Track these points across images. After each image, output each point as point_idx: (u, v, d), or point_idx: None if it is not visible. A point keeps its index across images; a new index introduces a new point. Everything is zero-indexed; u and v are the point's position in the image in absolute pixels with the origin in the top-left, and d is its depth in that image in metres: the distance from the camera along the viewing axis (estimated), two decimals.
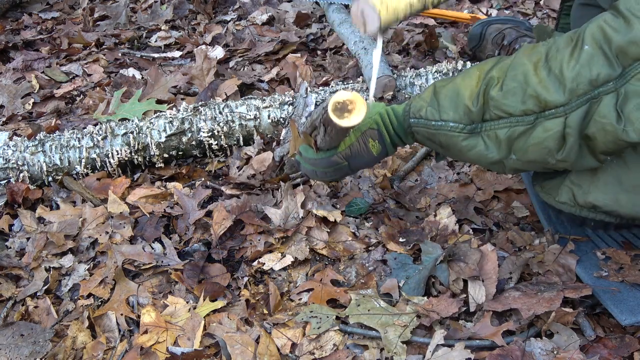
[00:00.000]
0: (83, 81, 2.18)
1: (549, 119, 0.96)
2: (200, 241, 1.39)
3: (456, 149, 1.08)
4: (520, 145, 1.00)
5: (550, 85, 0.94)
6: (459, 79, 1.07)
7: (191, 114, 1.66)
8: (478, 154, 1.05)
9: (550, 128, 0.96)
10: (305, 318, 1.16)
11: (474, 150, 1.05)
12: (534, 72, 0.96)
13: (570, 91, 0.92)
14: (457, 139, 1.06)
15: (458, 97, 1.05)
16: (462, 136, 1.05)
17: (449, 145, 1.08)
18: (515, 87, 0.97)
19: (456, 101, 1.05)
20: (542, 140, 0.98)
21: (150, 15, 2.68)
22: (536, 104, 0.96)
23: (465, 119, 1.04)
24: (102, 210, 1.48)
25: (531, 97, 0.96)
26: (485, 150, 1.04)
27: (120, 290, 1.28)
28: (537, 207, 1.35)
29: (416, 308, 1.16)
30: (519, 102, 0.97)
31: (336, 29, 2.19)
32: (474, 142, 1.04)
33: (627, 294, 1.11)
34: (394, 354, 1.08)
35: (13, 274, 1.34)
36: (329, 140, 1.15)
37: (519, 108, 0.97)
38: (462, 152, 1.08)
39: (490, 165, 1.07)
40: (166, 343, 1.15)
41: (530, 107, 0.96)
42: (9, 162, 1.57)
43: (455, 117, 1.05)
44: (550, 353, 1.05)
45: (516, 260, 1.23)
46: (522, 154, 1.01)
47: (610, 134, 0.92)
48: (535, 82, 0.95)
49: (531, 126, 0.98)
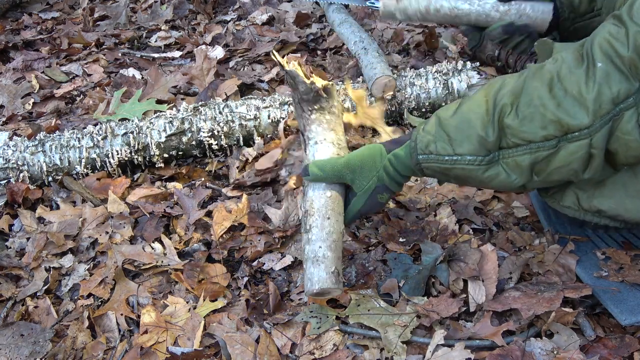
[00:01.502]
0: (83, 81, 2.18)
1: (572, 142, 0.93)
2: (200, 241, 1.39)
3: (477, 181, 1.05)
4: (543, 168, 0.98)
5: (570, 108, 0.91)
6: (464, 107, 1.03)
7: (191, 114, 1.66)
8: (501, 182, 1.02)
9: (575, 151, 0.93)
10: (305, 318, 1.16)
11: (497, 179, 1.02)
12: (550, 95, 0.93)
13: (593, 113, 0.90)
14: (478, 172, 1.02)
15: (470, 128, 1.00)
16: (482, 168, 1.01)
17: (467, 177, 1.05)
18: (533, 112, 0.94)
19: (468, 132, 1.00)
20: (567, 163, 0.95)
21: (150, 15, 2.68)
22: (557, 128, 0.93)
23: (482, 150, 1.00)
24: (102, 210, 1.48)
25: (552, 122, 0.93)
26: (507, 178, 1.01)
27: (120, 290, 1.29)
28: (537, 207, 1.35)
29: (416, 308, 1.16)
30: (538, 128, 0.94)
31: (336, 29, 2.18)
32: (495, 172, 1.01)
33: (627, 294, 1.11)
34: (394, 354, 1.08)
35: (13, 274, 1.35)
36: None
37: (539, 134, 0.94)
38: (483, 183, 1.05)
39: (514, 189, 1.05)
40: (166, 343, 1.15)
41: (551, 132, 0.94)
42: (9, 162, 1.57)
43: (471, 149, 1.01)
44: (550, 353, 1.05)
45: (516, 260, 1.23)
46: (546, 176, 0.99)
47: (634, 150, 0.92)
48: (553, 106, 0.93)
49: (554, 150, 0.95)
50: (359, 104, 1.49)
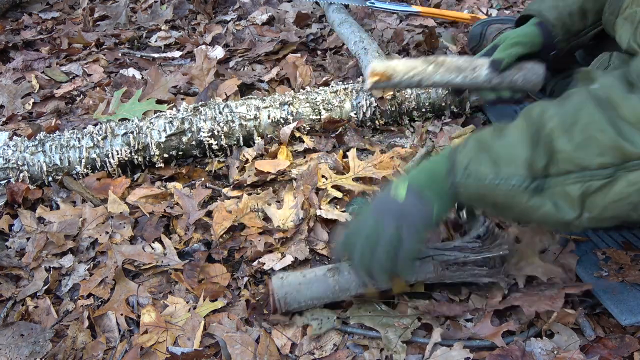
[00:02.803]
0: (83, 81, 2.18)
1: (632, 171, 0.86)
2: (200, 241, 1.39)
3: (518, 210, 0.95)
4: (597, 202, 0.89)
5: (629, 134, 0.85)
6: (505, 132, 0.96)
7: (191, 114, 1.66)
8: (546, 214, 0.92)
9: (635, 182, 0.86)
10: (306, 321, 1.16)
11: (542, 210, 0.92)
12: (607, 121, 0.87)
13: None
14: (522, 199, 0.93)
15: (515, 151, 0.93)
16: (527, 195, 0.92)
17: (508, 205, 0.96)
18: (589, 138, 0.87)
19: (513, 155, 0.93)
20: (626, 195, 0.87)
21: (150, 15, 2.68)
22: (616, 155, 0.86)
23: (528, 174, 0.92)
24: (102, 210, 1.48)
25: (610, 148, 0.86)
26: (554, 210, 0.91)
27: (120, 290, 1.29)
28: None
29: (417, 310, 1.16)
30: (595, 154, 0.87)
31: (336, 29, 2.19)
32: (541, 202, 0.92)
33: (627, 294, 1.11)
34: (394, 353, 1.08)
35: (13, 274, 1.34)
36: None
37: (596, 161, 0.87)
38: (525, 213, 0.95)
39: (559, 226, 0.97)
40: (166, 343, 1.15)
41: (608, 160, 0.86)
42: (9, 162, 1.57)
43: (516, 172, 0.92)
44: (550, 353, 1.05)
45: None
46: (600, 212, 0.90)
47: None
48: (613, 133, 0.86)
49: (609, 180, 0.87)
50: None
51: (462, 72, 1.37)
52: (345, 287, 1.14)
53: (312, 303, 1.15)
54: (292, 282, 1.15)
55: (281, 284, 1.15)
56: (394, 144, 1.71)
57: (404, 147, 1.68)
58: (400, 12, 2.33)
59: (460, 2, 2.56)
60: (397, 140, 1.73)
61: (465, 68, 1.37)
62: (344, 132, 1.70)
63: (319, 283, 1.14)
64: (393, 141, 1.72)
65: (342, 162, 1.60)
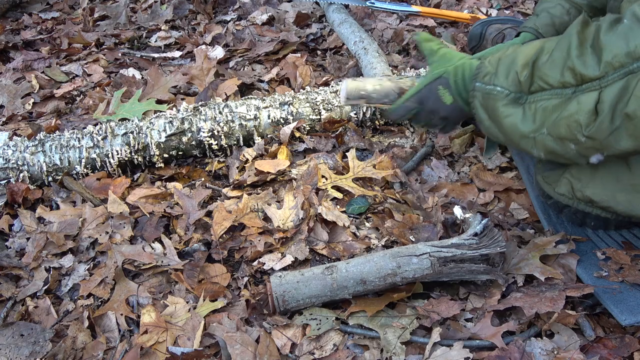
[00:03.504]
0: (83, 81, 2.18)
1: (584, 93, 0.93)
2: (200, 241, 1.39)
3: (495, 114, 1.08)
4: (553, 118, 0.98)
5: (588, 58, 0.92)
6: (522, 47, 1.06)
7: (191, 114, 1.66)
8: (512, 123, 1.04)
9: (584, 102, 0.93)
10: (305, 320, 1.16)
11: (510, 118, 1.04)
12: (579, 44, 0.94)
13: (605, 64, 0.89)
14: (498, 103, 1.05)
15: (512, 64, 1.04)
16: (504, 101, 1.04)
17: (492, 109, 1.08)
18: (559, 57, 0.96)
19: (509, 68, 1.05)
20: (573, 113, 0.94)
21: (150, 15, 2.68)
22: (573, 76, 0.94)
23: (512, 86, 1.03)
24: (102, 210, 1.48)
25: (569, 68, 0.94)
26: (520, 120, 1.03)
27: (120, 290, 1.28)
28: (537, 207, 1.35)
29: (416, 310, 1.16)
30: (558, 73, 0.96)
31: (336, 29, 2.19)
32: (512, 111, 1.04)
33: (627, 294, 1.11)
34: (393, 354, 1.08)
35: (13, 274, 1.35)
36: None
37: (558, 79, 0.96)
38: (499, 118, 1.07)
39: (521, 140, 1.05)
40: (166, 343, 1.15)
41: (567, 79, 0.95)
42: (9, 162, 1.57)
43: (504, 83, 1.05)
44: (550, 353, 1.05)
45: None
46: (553, 128, 0.99)
47: None
48: (575, 55, 0.93)
49: (567, 99, 0.95)
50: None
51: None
52: (343, 284, 1.14)
53: (311, 301, 1.15)
54: (290, 280, 1.15)
55: (279, 283, 1.15)
56: (394, 144, 1.71)
57: (404, 147, 1.68)
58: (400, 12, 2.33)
59: (460, 2, 2.56)
60: (397, 140, 1.72)
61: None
62: (344, 132, 1.70)
63: (317, 281, 1.15)
64: (393, 141, 1.72)
65: (342, 163, 1.60)
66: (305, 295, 1.15)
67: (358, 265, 1.15)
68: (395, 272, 1.14)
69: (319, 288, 1.15)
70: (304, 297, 1.15)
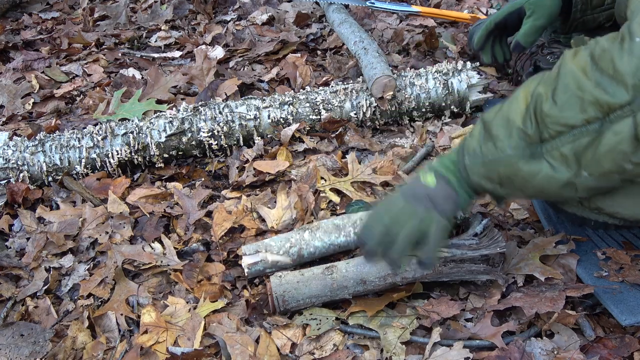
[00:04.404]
0: (83, 81, 2.18)
1: (615, 122, 0.87)
2: (199, 241, 1.39)
3: (519, 178, 0.98)
4: (590, 157, 0.91)
5: (608, 86, 0.86)
6: (505, 106, 1.00)
7: (191, 114, 1.66)
8: (545, 178, 0.95)
9: (620, 131, 0.87)
10: (305, 320, 1.16)
11: (540, 175, 0.95)
12: (585, 76, 0.88)
13: (633, 87, 0.84)
14: (519, 165, 0.96)
15: (509, 123, 0.96)
16: (524, 161, 0.95)
17: (510, 176, 0.98)
18: (570, 96, 0.90)
19: (508, 127, 0.97)
20: (614, 145, 0.88)
21: (150, 15, 2.68)
22: (597, 109, 0.87)
23: (522, 142, 0.95)
24: (102, 210, 1.48)
25: (591, 103, 0.87)
26: (552, 171, 0.94)
27: (120, 290, 1.28)
28: (537, 207, 1.35)
29: (416, 310, 1.16)
30: (578, 112, 0.89)
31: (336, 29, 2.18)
32: (538, 167, 0.95)
33: (627, 294, 1.11)
34: (393, 354, 1.08)
35: (13, 274, 1.35)
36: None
37: (580, 118, 0.89)
38: (526, 180, 0.97)
39: (562, 189, 0.96)
40: (166, 343, 1.15)
41: (592, 114, 0.88)
42: (9, 162, 1.57)
43: (511, 143, 0.96)
44: (550, 353, 1.05)
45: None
46: (595, 167, 0.91)
47: None
48: (590, 87, 0.87)
49: (597, 134, 0.88)
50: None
51: (342, 229, 1.27)
52: (342, 284, 1.14)
53: (311, 301, 1.15)
54: (290, 280, 1.15)
55: (279, 283, 1.15)
56: (394, 144, 1.71)
57: (404, 147, 1.68)
58: (400, 12, 2.32)
59: (460, 2, 2.56)
60: (397, 140, 1.72)
61: (344, 225, 1.27)
62: (344, 132, 1.70)
63: (317, 281, 1.15)
64: (393, 141, 1.72)
65: (341, 163, 1.60)
66: (305, 295, 1.15)
67: (358, 265, 1.15)
68: (395, 272, 1.14)
69: (319, 288, 1.15)
70: (304, 297, 1.15)
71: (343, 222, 1.28)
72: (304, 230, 1.27)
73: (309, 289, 1.14)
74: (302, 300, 1.15)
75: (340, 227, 1.27)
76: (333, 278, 1.14)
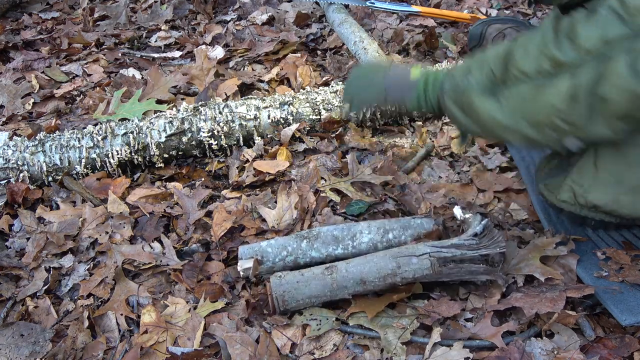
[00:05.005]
0: (83, 81, 2.18)
1: (560, 79, 0.95)
2: (199, 241, 1.39)
3: (473, 110, 1.09)
4: (531, 106, 1.00)
5: (564, 45, 0.95)
6: (490, 49, 1.12)
7: (191, 114, 1.66)
8: (490, 115, 1.06)
9: (560, 88, 0.95)
10: (305, 321, 1.16)
11: (487, 110, 1.06)
12: (554, 35, 0.97)
13: (582, 49, 0.92)
14: (474, 97, 1.08)
15: (485, 60, 1.09)
16: (478, 94, 1.07)
17: (468, 105, 1.10)
18: (534, 48, 1.00)
19: (482, 63, 1.09)
20: (551, 99, 0.97)
21: (150, 15, 2.68)
22: (549, 63, 0.97)
23: (487, 79, 1.07)
24: (102, 210, 1.48)
25: (546, 57, 0.97)
26: (500, 111, 1.04)
27: (120, 290, 1.28)
28: (537, 207, 1.35)
29: (417, 310, 1.16)
30: (534, 62, 0.99)
31: (336, 29, 2.19)
32: (490, 104, 1.06)
33: (627, 294, 1.11)
34: (393, 355, 1.08)
35: (13, 274, 1.35)
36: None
37: (534, 68, 0.99)
38: (478, 113, 1.08)
39: (504, 131, 1.07)
40: (166, 343, 1.15)
41: (544, 66, 0.97)
42: (9, 162, 1.57)
43: (478, 77, 1.08)
44: (550, 353, 1.05)
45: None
46: (532, 116, 1.01)
47: (626, 92, 0.89)
48: (552, 44, 0.96)
49: (543, 87, 0.98)
50: None
51: (341, 242, 1.26)
52: (343, 284, 1.14)
53: (311, 301, 1.15)
54: (290, 280, 1.15)
55: (279, 283, 1.15)
56: (394, 144, 1.71)
57: (404, 147, 1.68)
58: (400, 12, 2.33)
59: (460, 2, 2.56)
60: (397, 140, 1.72)
61: (343, 237, 1.26)
62: (344, 132, 1.70)
63: (317, 281, 1.15)
64: (393, 141, 1.72)
65: (341, 163, 1.60)
66: (305, 295, 1.14)
67: (358, 265, 1.15)
68: (395, 272, 1.13)
69: (319, 288, 1.15)
70: (303, 297, 1.15)
71: (342, 234, 1.27)
72: (302, 239, 1.26)
73: (309, 289, 1.14)
74: (302, 301, 1.15)
75: (339, 239, 1.26)
76: (333, 278, 1.14)
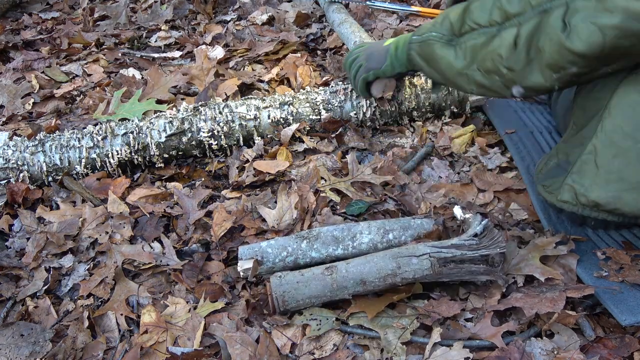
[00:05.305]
0: (83, 81, 2.18)
1: (506, 29, 1.07)
2: (199, 241, 1.39)
3: (433, 59, 1.24)
4: (482, 54, 1.12)
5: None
6: (454, 6, 1.21)
7: (191, 114, 1.66)
8: (447, 62, 1.20)
9: (505, 37, 1.07)
10: (305, 321, 1.16)
11: (445, 59, 1.20)
12: None
13: (527, 3, 1.02)
14: (435, 47, 1.22)
15: (446, 15, 1.20)
16: (439, 44, 1.21)
17: (430, 54, 1.24)
18: (489, 2, 1.09)
19: (444, 18, 1.21)
20: (497, 47, 1.08)
21: (150, 15, 2.68)
22: (499, 14, 1.07)
23: (445, 30, 1.20)
24: (102, 210, 1.48)
25: (497, 8, 1.07)
26: (454, 59, 1.18)
27: (120, 290, 1.29)
28: (537, 207, 1.35)
29: (417, 310, 1.16)
30: (487, 13, 1.09)
31: (336, 29, 2.19)
32: (447, 52, 1.20)
33: (627, 294, 1.11)
34: (394, 354, 1.08)
35: (13, 274, 1.35)
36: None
37: (487, 19, 1.09)
38: (436, 62, 1.24)
39: (458, 77, 1.19)
40: (166, 343, 1.15)
41: (495, 17, 1.08)
42: (9, 162, 1.57)
43: (438, 29, 1.22)
44: (550, 353, 1.05)
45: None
46: (482, 64, 1.13)
47: (555, 43, 0.99)
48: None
49: (492, 37, 1.09)
50: None
51: (341, 242, 1.26)
52: (343, 285, 1.14)
53: (311, 302, 1.15)
54: (290, 280, 1.15)
55: (279, 283, 1.15)
56: (394, 144, 1.71)
57: (404, 147, 1.68)
58: (400, 12, 2.33)
59: None
60: (397, 140, 1.72)
61: (343, 238, 1.26)
62: (344, 132, 1.70)
63: (317, 281, 1.15)
64: (393, 141, 1.72)
65: (341, 163, 1.60)
66: (305, 295, 1.15)
67: (358, 265, 1.15)
68: (395, 272, 1.14)
69: (319, 288, 1.15)
70: (303, 298, 1.15)
71: (342, 235, 1.27)
72: (302, 239, 1.26)
73: (309, 289, 1.14)
74: (302, 301, 1.15)
75: (339, 239, 1.26)
76: (333, 278, 1.14)
